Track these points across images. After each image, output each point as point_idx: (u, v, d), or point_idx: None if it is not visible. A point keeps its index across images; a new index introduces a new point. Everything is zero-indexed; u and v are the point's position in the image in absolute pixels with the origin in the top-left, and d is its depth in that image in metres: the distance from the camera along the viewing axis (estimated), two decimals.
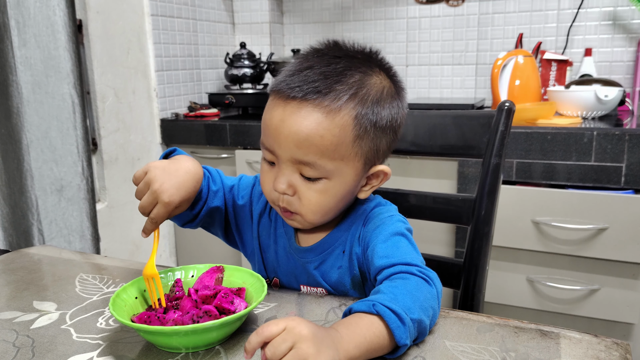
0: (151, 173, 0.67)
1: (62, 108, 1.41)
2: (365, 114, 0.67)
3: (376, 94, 0.68)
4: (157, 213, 0.67)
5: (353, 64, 0.68)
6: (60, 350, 0.59)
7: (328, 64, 0.67)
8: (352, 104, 0.66)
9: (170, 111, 2.04)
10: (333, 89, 0.65)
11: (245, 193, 0.82)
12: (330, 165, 0.66)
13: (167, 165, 0.69)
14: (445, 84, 2.19)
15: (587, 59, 1.89)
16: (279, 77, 0.69)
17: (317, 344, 0.49)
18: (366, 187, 0.74)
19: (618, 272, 1.45)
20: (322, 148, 0.65)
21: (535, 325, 0.62)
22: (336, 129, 0.65)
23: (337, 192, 0.69)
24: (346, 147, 0.66)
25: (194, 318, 0.60)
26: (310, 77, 0.65)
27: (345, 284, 0.74)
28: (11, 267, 0.85)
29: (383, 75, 0.70)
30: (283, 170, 0.68)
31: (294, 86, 0.65)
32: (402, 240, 0.68)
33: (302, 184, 0.68)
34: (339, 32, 2.33)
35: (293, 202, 0.69)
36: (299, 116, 0.65)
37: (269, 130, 0.67)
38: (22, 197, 1.39)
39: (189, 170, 0.70)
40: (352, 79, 0.67)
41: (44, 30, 1.37)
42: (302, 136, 0.64)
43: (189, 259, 2.09)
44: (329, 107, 0.65)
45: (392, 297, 0.57)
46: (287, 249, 0.78)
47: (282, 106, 0.66)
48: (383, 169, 0.72)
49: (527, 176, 1.51)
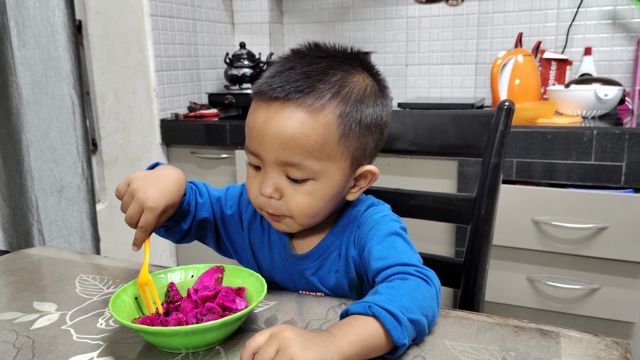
0: (133, 184, 0.68)
1: (62, 108, 1.41)
2: (349, 112, 0.66)
3: (359, 91, 0.68)
4: (145, 220, 0.67)
5: (335, 62, 0.68)
6: (61, 350, 0.59)
7: (309, 63, 0.67)
8: (335, 102, 0.65)
9: (170, 111, 2.04)
10: (315, 88, 0.65)
11: (233, 202, 0.82)
12: (317, 165, 0.66)
13: (148, 174, 0.70)
14: (445, 83, 2.19)
15: (586, 58, 1.89)
16: (260, 80, 0.68)
17: (303, 342, 0.49)
18: (354, 189, 0.73)
19: (618, 271, 1.45)
20: (307, 148, 0.65)
21: (535, 325, 0.62)
22: (321, 128, 0.65)
23: (324, 194, 0.68)
24: (332, 146, 0.66)
25: (197, 316, 0.60)
26: (292, 77, 0.65)
27: (344, 287, 0.74)
28: (11, 268, 0.85)
29: (365, 74, 0.70)
30: (269, 173, 0.67)
31: (275, 87, 0.65)
32: (397, 240, 0.68)
33: (289, 186, 0.67)
34: (339, 32, 2.33)
35: (280, 207, 0.68)
36: (282, 116, 0.64)
37: (253, 132, 0.67)
38: (22, 197, 1.39)
39: (171, 176, 0.71)
40: (334, 78, 0.66)
41: (44, 30, 1.37)
42: (286, 136, 0.64)
43: (189, 259, 2.09)
44: (312, 106, 0.64)
45: (388, 298, 0.56)
46: (283, 256, 0.78)
47: (264, 108, 0.66)
48: (371, 169, 0.72)
49: (527, 175, 1.51)
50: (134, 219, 0.68)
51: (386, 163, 1.67)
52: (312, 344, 0.50)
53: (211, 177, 1.98)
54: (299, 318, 0.65)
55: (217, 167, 1.96)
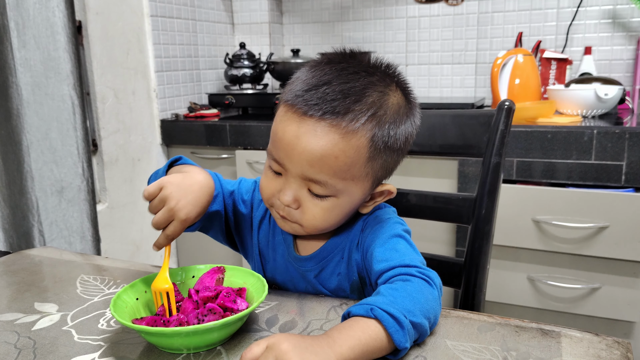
0: (167, 190, 0.65)
1: (62, 109, 1.41)
2: (382, 136, 0.65)
3: (393, 114, 0.67)
4: (173, 230, 0.66)
5: (372, 82, 0.66)
6: (62, 351, 0.59)
7: (347, 80, 0.65)
8: (369, 126, 0.64)
9: (170, 112, 2.04)
10: (351, 110, 0.63)
11: (247, 199, 0.82)
12: (341, 185, 0.66)
13: (182, 181, 0.67)
14: (445, 83, 2.19)
15: (586, 58, 1.89)
16: (293, 87, 0.66)
17: (300, 354, 0.49)
18: (369, 203, 0.73)
19: (619, 271, 1.45)
20: (335, 169, 0.64)
21: (536, 324, 0.62)
22: (351, 151, 0.64)
23: (342, 210, 0.69)
24: (359, 168, 0.66)
25: (198, 317, 0.60)
26: (328, 95, 0.63)
27: (345, 289, 0.74)
28: (12, 269, 0.85)
29: (399, 94, 0.69)
30: (291, 184, 0.67)
31: (311, 104, 0.63)
32: (400, 241, 0.68)
33: (309, 199, 0.67)
34: (339, 32, 2.33)
35: (294, 214, 0.68)
36: (314, 136, 0.63)
37: (281, 144, 0.65)
38: (22, 198, 1.39)
39: (203, 185, 0.68)
40: (371, 99, 0.65)
41: (44, 31, 1.37)
42: (316, 155, 0.63)
43: (189, 260, 2.09)
44: (347, 129, 0.63)
45: (391, 300, 0.56)
46: (285, 257, 0.78)
47: (297, 122, 0.64)
48: (389, 188, 0.72)
49: (528, 175, 1.51)
50: (161, 225, 0.66)
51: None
52: (311, 353, 0.49)
53: None
54: (300, 318, 0.65)
55: (217, 168, 1.96)
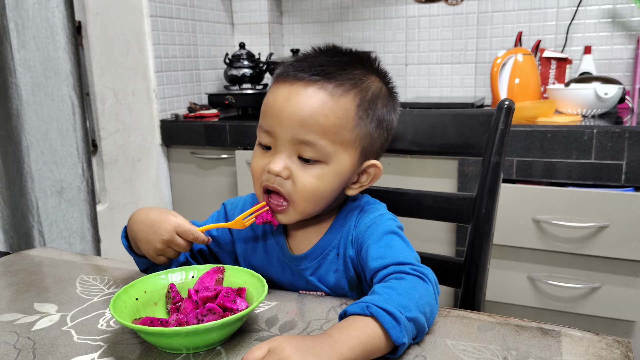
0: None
1: (62, 110, 1.41)
2: (366, 105, 0.70)
3: (375, 90, 0.72)
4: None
5: (355, 60, 0.72)
6: (61, 351, 0.59)
7: (333, 56, 0.71)
8: (354, 92, 0.69)
9: (170, 112, 2.04)
10: (338, 75, 0.69)
11: (219, 220, 0.83)
12: (330, 147, 0.68)
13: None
14: (444, 82, 2.19)
15: (586, 57, 1.89)
16: (283, 67, 0.72)
17: (304, 356, 0.49)
18: (356, 185, 0.74)
19: (619, 270, 1.45)
20: (324, 127, 0.67)
21: (536, 324, 0.62)
22: (340, 111, 0.68)
23: (331, 180, 0.70)
24: (347, 131, 0.68)
25: (198, 317, 0.60)
26: (317, 61, 0.70)
27: (343, 286, 0.74)
28: (12, 269, 0.85)
29: (379, 79, 0.74)
30: (281, 152, 0.69)
31: (300, 70, 0.69)
32: (394, 238, 0.68)
33: (299, 167, 0.69)
34: (338, 32, 2.33)
35: (286, 185, 0.69)
36: (304, 95, 0.67)
37: (272, 109, 0.69)
38: (22, 199, 1.39)
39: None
40: (355, 71, 0.70)
41: (43, 32, 1.37)
42: (306, 113, 0.66)
43: None
44: (334, 91, 0.68)
45: (386, 298, 0.57)
46: (281, 259, 0.78)
47: (287, 87, 0.69)
48: (376, 163, 0.74)
49: (527, 174, 1.51)
50: None
51: (387, 163, 1.67)
52: (313, 355, 0.49)
53: (211, 177, 1.98)
54: (300, 318, 0.65)
55: (217, 168, 1.96)
